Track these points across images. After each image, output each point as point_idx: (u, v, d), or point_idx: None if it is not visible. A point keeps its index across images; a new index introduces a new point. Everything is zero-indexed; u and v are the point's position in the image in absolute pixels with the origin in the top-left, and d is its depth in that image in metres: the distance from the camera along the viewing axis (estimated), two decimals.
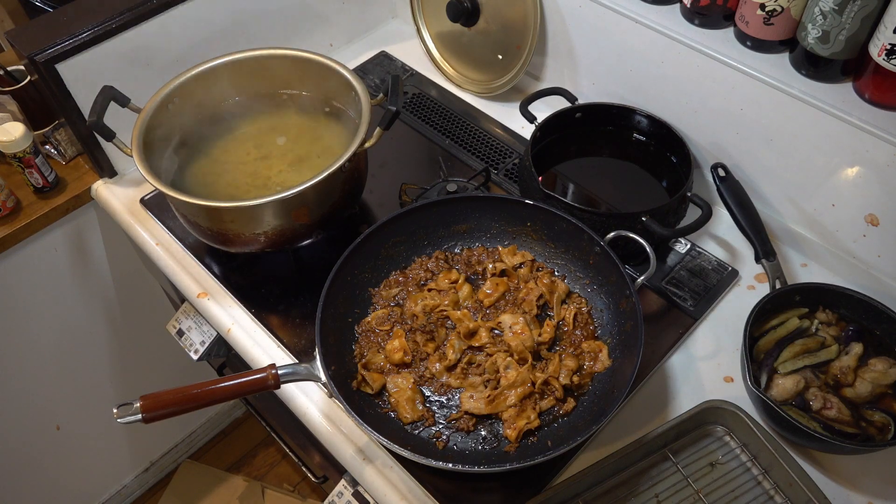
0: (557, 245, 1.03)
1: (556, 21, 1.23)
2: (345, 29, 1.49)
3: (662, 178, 1.15)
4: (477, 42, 1.33)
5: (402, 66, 1.46)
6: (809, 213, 1.06)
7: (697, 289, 1.06)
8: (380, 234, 1.00)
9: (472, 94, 1.39)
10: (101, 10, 1.12)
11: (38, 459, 1.64)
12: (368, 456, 0.92)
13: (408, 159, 1.28)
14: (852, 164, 0.97)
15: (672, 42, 1.07)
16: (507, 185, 1.22)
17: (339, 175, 0.98)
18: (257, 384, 0.81)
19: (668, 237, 1.02)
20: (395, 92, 1.01)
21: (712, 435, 0.92)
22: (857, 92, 0.95)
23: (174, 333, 1.26)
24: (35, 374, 1.50)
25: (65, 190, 1.28)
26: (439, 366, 0.93)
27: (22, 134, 1.17)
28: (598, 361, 0.93)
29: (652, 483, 0.88)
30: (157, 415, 0.76)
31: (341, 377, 0.89)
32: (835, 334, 0.94)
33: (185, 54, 1.21)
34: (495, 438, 0.88)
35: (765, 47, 1.01)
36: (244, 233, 0.99)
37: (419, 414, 0.90)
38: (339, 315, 0.96)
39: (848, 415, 0.87)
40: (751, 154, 1.08)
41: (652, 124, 1.16)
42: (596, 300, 1.00)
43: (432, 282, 1.02)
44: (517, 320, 0.95)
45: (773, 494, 0.87)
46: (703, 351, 1.01)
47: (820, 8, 0.91)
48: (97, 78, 1.11)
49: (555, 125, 1.16)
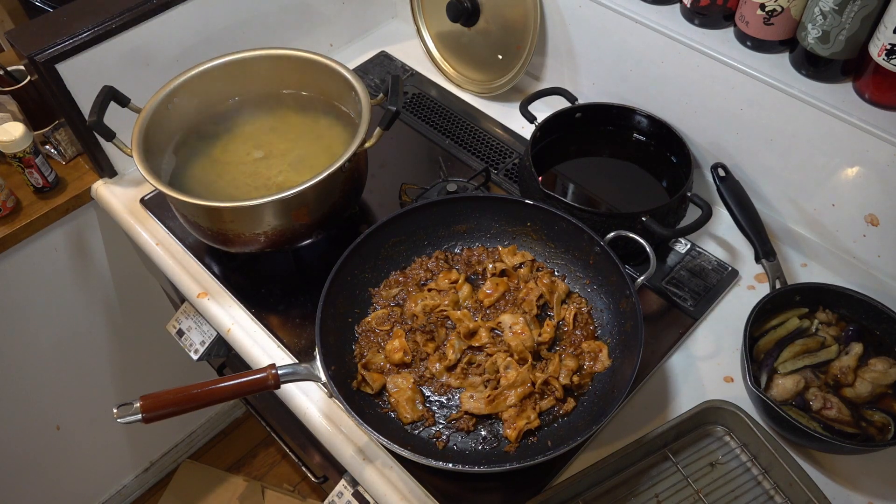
0: (557, 245, 1.03)
1: (556, 21, 1.23)
2: (345, 29, 1.49)
3: (662, 178, 1.15)
4: (477, 42, 1.33)
5: (402, 66, 1.46)
6: (809, 212, 1.06)
7: (697, 289, 1.06)
8: (380, 234, 1.00)
9: (472, 94, 1.39)
10: (101, 10, 1.12)
11: (38, 460, 1.64)
12: (368, 456, 0.92)
13: (408, 159, 1.28)
14: (852, 164, 0.97)
15: (672, 42, 1.07)
16: (507, 185, 1.22)
17: (339, 175, 0.98)
18: (257, 384, 0.81)
19: (668, 237, 1.02)
20: (395, 92, 1.01)
21: (712, 435, 0.92)
22: (857, 92, 0.95)
23: (174, 333, 1.26)
24: (35, 374, 1.50)
25: (65, 190, 1.28)
26: (439, 366, 0.93)
27: (22, 134, 1.17)
28: (598, 361, 0.93)
29: (652, 483, 0.88)
30: (157, 415, 0.76)
31: (341, 377, 0.89)
32: (835, 334, 0.94)
33: (185, 54, 1.21)
34: (495, 438, 0.88)
35: (765, 47, 1.01)
36: (244, 233, 0.99)
37: (419, 414, 0.90)
38: (339, 315, 0.96)
39: (848, 415, 0.87)
40: (751, 154, 1.08)
41: (652, 124, 1.16)
42: (596, 300, 1.00)
43: (432, 282, 1.02)
44: (517, 320, 0.95)
45: (773, 494, 0.87)
46: (703, 351, 1.01)
47: (820, 8, 0.91)
48: (97, 78, 1.11)
49: (555, 125, 1.16)
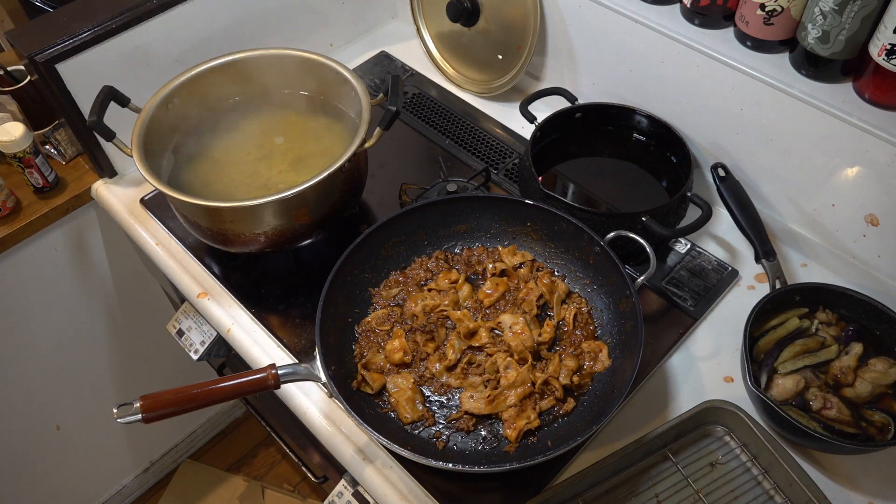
0: (557, 245, 1.03)
1: (556, 21, 1.23)
2: (345, 29, 1.49)
3: (662, 178, 1.15)
4: (477, 42, 1.33)
5: (402, 66, 1.46)
6: (809, 213, 1.06)
7: (697, 289, 1.06)
8: (380, 234, 1.00)
9: (472, 94, 1.39)
10: (101, 10, 1.12)
11: (38, 459, 1.64)
12: (368, 456, 0.92)
13: (408, 159, 1.28)
14: (852, 164, 0.97)
15: (672, 42, 1.07)
16: (507, 185, 1.22)
17: (339, 175, 0.98)
18: (257, 384, 0.81)
19: (668, 237, 1.02)
20: (395, 92, 1.01)
21: (712, 435, 0.92)
22: (857, 92, 0.95)
23: (174, 333, 1.26)
24: (35, 374, 1.50)
25: (65, 190, 1.28)
26: (439, 366, 0.93)
27: (22, 134, 1.17)
28: (598, 361, 0.93)
29: (652, 483, 0.88)
30: (157, 415, 0.76)
31: (341, 377, 0.89)
32: (835, 334, 0.94)
33: (185, 54, 1.21)
34: (495, 438, 0.88)
35: (765, 47, 1.01)
36: (244, 233, 0.99)
37: (419, 414, 0.90)
38: (339, 315, 0.96)
39: (848, 415, 0.87)
40: (751, 154, 1.08)
41: (652, 124, 1.16)
42: (596, 300, 1.00)
43: (432, 282, 1.02)
44: (517, 320, 0.95)
45: (773, 494, 0.87)
46: (703, 351, 1.01)
47: (820, 8, 0.91)
48: (97, 78, 1.11)
49: (555, 125, 1.16)
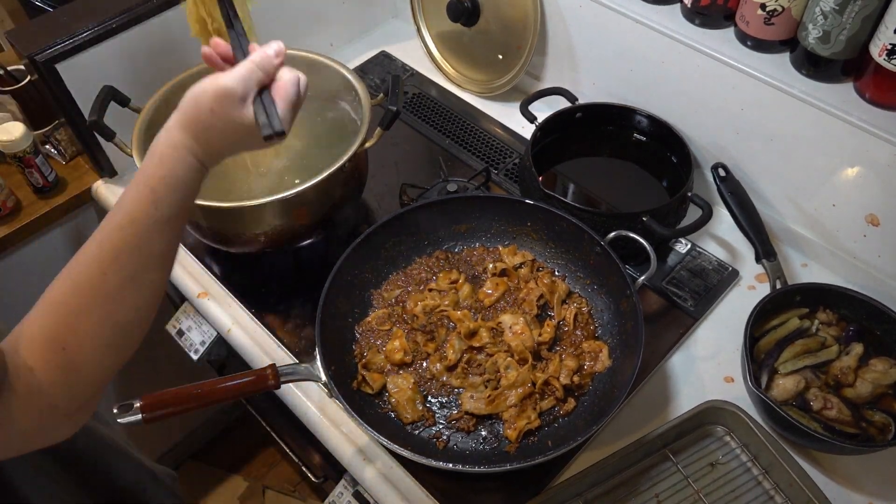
0: (558, 245, 1.03)
1: (557, 21, 1.23)
2: (345, 29, 1.49)
3: (663, 178, 1.15)
4: (477, 42, 1.33)
5: (403, 66, 1.46)
6: (810, 213, 1.06)
7: (698, 289, 1.06)
8: (380, 234, 1.00)
9: (473, 94, 1.39)
10: (101, 10, 1.12)
11: None
12: (368, 456, 0.92)
13: (408, 159, 1.28)
14: (852, 164, 0.97)
15: (672, 42, 1.07)
16: (508, 185, 1.22)
17: (339, 175, 0.98)
18: (257, 384, 0.81)
19: (668, 237, 1.02)
20: (395, 92, 1.01)
21: (712, 435, 0.92)
22: (857, 92, 0.95)
23: (174, 333, 1.25)
24: None
25: (65, 190, 1.27)
26: (439, 366, 0.93)
27: (22, 134, 1.17)
28: (599, 361, 0.93)
29: (652, 483, 0.88)
30: (157, 415, 0.76)
31: (341, 377, 0.89)
32: (835, 334, 0.94)
33: (185, 54, 1.21)
34: (495, 438, 0.88)
35: (765, 47, 1.01)
36: (244, 233, 0.99)
37: (419, 414, 0.90)
38: (339, 315, 0.96)
39: (848, 415, 0.87)
40: (751, 154, 1.08)
41: (652, 124, 1.16)
42: (596, 300, 1.00)
43: (433, 282, 1.02)
44: (517, 320, 0.95)
45: (774, 495, 0.86)
46: (704, 351, 1.00)
47: (820, 8, 0.91)
48: (97, 78, 1.11)
49: (555, 125, 1.16)
